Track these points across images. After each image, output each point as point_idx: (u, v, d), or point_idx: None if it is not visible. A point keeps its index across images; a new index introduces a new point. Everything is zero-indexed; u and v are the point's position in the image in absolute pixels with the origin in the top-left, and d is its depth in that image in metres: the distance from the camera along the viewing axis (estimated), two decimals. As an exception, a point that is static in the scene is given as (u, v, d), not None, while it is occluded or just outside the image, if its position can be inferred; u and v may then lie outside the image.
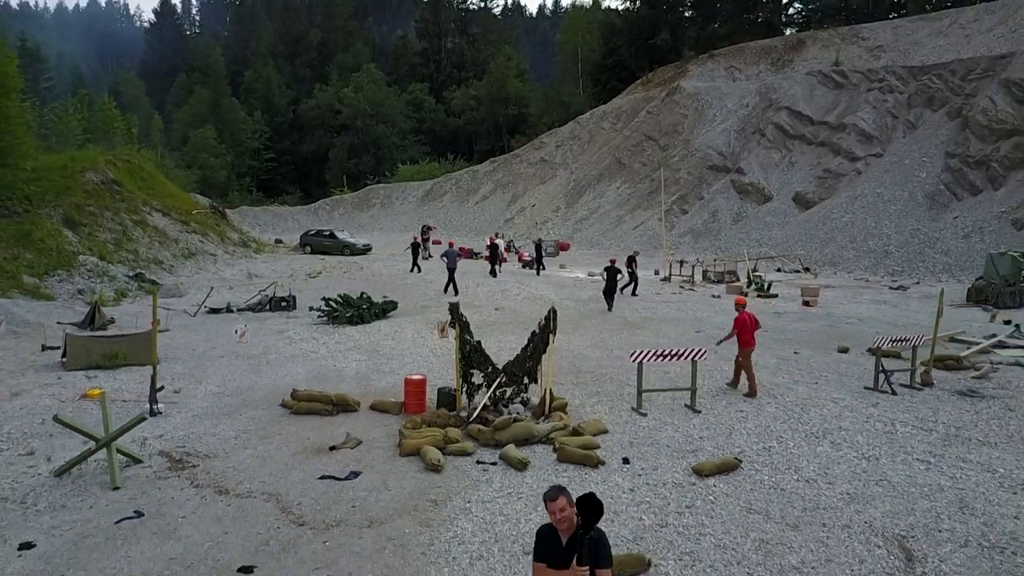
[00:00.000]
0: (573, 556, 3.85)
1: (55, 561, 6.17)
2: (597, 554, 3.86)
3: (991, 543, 6.62)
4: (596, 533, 3.90)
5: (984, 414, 10.68)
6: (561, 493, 3.97)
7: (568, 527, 3.92)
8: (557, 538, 3.97)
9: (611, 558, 3.98)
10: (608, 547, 3.97)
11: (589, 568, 3.80)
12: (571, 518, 3.91)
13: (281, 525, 6.85)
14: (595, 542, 3.87)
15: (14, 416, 9.91)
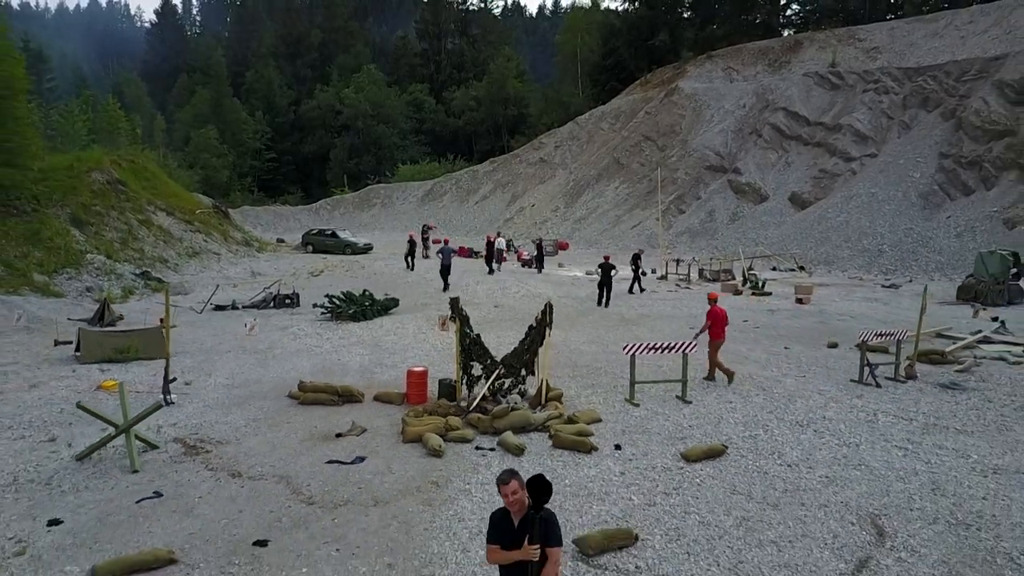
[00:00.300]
0: (525, 536, 3.98)
1: (82, 535, 6.61)
2: (547, 533, 4.01)
3: (958, 520, 7.06)
4: (546, 513, 4.06)
5: (963, 405, 11.12)
6: (513, 477, 4.09)
7: (520, 509, 4.05)
8: (510, 520, 4.09)
9: (560, 538, 4.11)
10: (558, 527, 4.11)
11: (539, 546, 3.95)
12: (523, 500, 4.03)
13: (292, 504, 7.29)
14: (545, 521, 4.03)
15: (33, 406, 10.35)
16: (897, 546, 6.53)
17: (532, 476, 4.05)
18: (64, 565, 6.09)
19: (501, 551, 4.07)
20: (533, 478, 4.03)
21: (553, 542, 4.02)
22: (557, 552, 4.05)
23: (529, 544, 3.93)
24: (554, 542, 4.02)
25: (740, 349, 14.92)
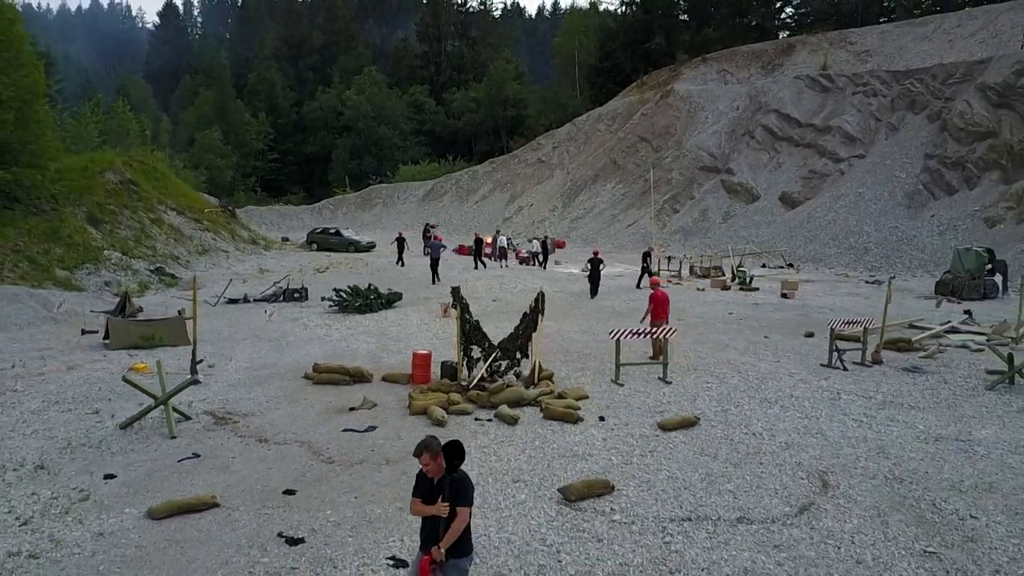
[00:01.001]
0: (440, 494, 4.62)
1: (134, 486, 7.65)
2: (456, 492, 4.60)
3: (895, 477, 8.11)
4: (459, 476, 4.63)
5: (920, 386, 12.18)
6: (425, 450, 4.66)
7: (436, 472, 4.66)
8: (429, 480, 4.72)
9: (469, 499, 4.66)
10: (468, 488, 4.67)
11: (449, 504, 4.56)
12: (436, 467, 4.64)
13: (314, 463, 8.34)
14: (456, 484, 4.61)
15: (74, 385, 11.40)
16: (837, 495, 7.59)
17: (448, 442, 4.67)
18: (123, 508, 7.14)
19: (420, 504, 4.72)
20: (448, 444, 4.66)
21: (461, 502, 4.61)
22: (464, 511, 4.63)
23: (442, 502, 4.57)
24: (462, 502, 4.62)
25: (722, 339, 15.98)
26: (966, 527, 6.87)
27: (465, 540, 4.77)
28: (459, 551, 4.72)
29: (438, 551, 4.62)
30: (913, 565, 6.15)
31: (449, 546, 4.63)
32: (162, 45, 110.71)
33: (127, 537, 6.57)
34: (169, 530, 6.68)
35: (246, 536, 6.57)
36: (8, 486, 7.62)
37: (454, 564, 4.71)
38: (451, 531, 4.64)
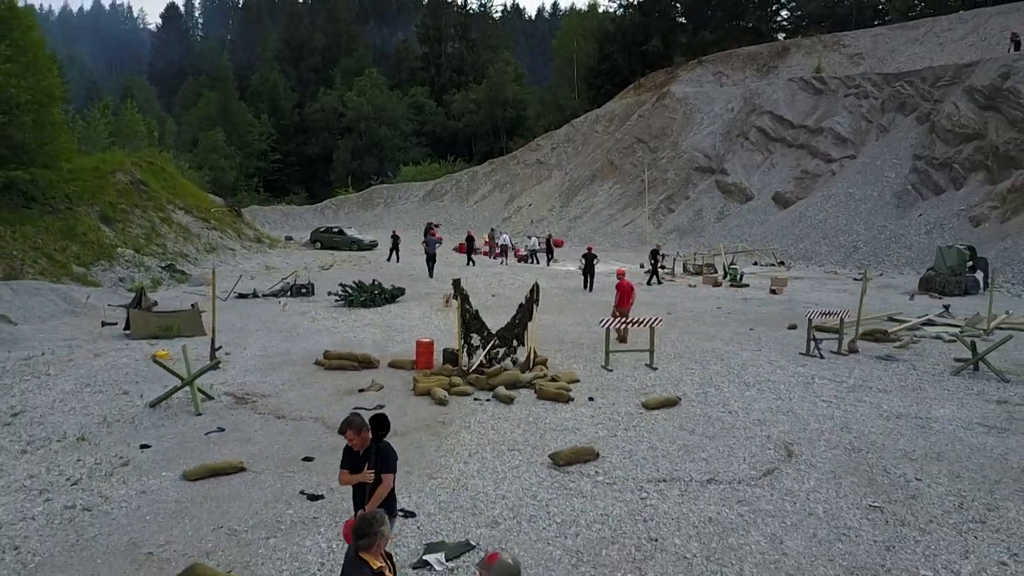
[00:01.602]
0: (366, 464, 5.06)
1: (168, 454, 8.52)
2: (381, 460, 5.02)
3: (853, 447, 8.98)
4: (384, 446, 5.03)
5: (890, 372, 13.04)
6: (348, 427, 5.12)
7: (360, 445, 5.11)
8: (355, 453, 5.15)
9: (393, 466, 5.09)
10: (391, 457, 5.10)
11: (375, 472, 4.98)
12: (361, 441, 5.10)
13: (328, 436, 9.20)
14: (380, 453, 5.03)
15: (102, 370, 12.26)
16: (800, 462, 8.45)
17: (375, 414, 5.17)
18: (160, 472, 8.01)
19: (348, 475, 5.14)
20: (374, 417, 5.12)
21: (385, 469, 5.04)
22: (388, 477, 5.06)
23: (367, 470, 5.01)
24: (385, 469, 5.04)
25: (709, 330, 16.85)
26: (910, 487, 7.73)
27: (390, 504, 5.18)
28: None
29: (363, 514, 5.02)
30: (858, 516, 7.01)
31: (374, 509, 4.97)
32: (165, 47, 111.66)
33: (166, 495, 7.44)
34: (203, 489, 7.55)
35: (272, 493, 7.44)
36: (55, 454, 8.50)
37: None
38: (376, 495, 5.06)
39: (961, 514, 7.08)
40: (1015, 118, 32.75)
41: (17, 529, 6.64)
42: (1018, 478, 8.01)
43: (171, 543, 6.38)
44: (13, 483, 7.68)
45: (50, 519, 6.86)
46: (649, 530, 6.65)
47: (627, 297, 15.47)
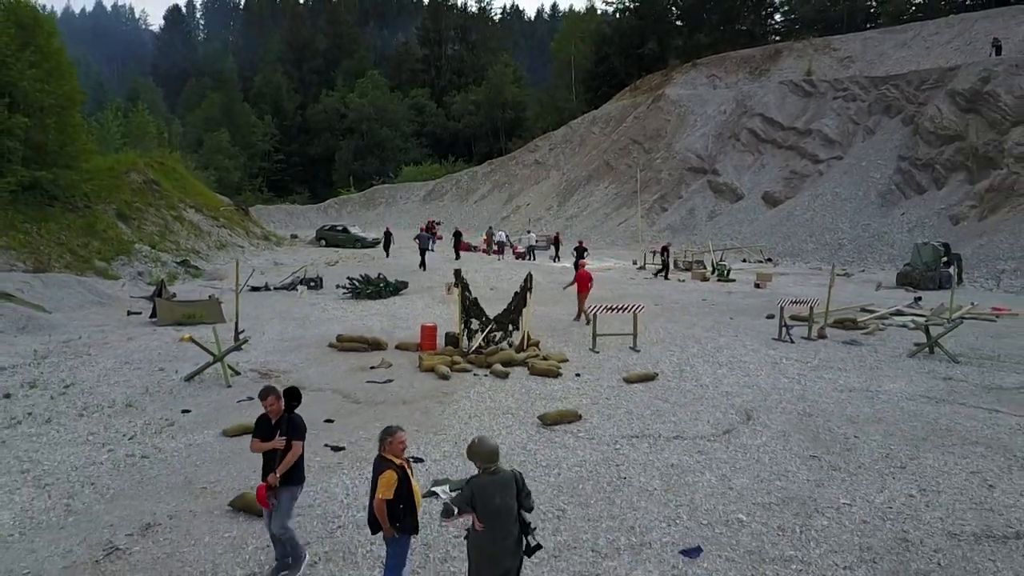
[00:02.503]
0: (278, 432, 5.57)
1: (206, 418, 9.79)
2: (292, 429, 5.56)
3: (805, 413, 10.24)
4: (295, 416, 5.57)
5: (853, 354, 14.31)
6: (270, 393, 5.64)
7: (276, 412, 5.63)
8: (269, 421, 5.66)
9: (302, 434, 5.60)
10: (301, 426, 5.62)
11: (286, 438, 5.50)
12: (277, 408, 5.61)
13: (345, 403, 10.48)
14: (291, 421, 5.56)
15: (137, 351, 13.53)
16: (756, 424, 9.73)
17: (287, 388, 5.67)
18: (202, 431, 9.28)
19: (259, 442, 5.65)
20: (287, 389, 5.63)
21: (294, 436, 5.55)
22: (298, 444, 5.57)
23: (279, 436, 5.53)
24: (295, 437, 5.56)
25: (692, 319, 18.11)
26: (848, 443, 9.01)
27: (298, 470, 5.67)
28: (293, 479, 5.64)
29: (274, 476, 5.49)
30: (797, 463, 8.29)
31: (284, 474, 5.52)
32: (168, 48, 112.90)
33: (211, 447, 8.72)
34: (241, 443, 8.80)
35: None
36: (108, 417, 9.77)
37: (288, 490, 5.60)
38: (286, 461, 5.52)
39: (886, 462, 8.36)
40: (994, 120, 34.01)
41: (89, 471, 7.92)
42: (943, 436, 9.28)
43: (220, 481, 7.66)
44: (77, 438, 8.96)
45: (116, 464, 8.14)
46: (620, 472, 7.93)
47: (584, 284, 17.80)
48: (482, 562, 4.59)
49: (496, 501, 4.54)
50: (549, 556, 6.08)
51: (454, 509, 4.92)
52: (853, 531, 6.62)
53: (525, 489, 4.75)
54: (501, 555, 4.56)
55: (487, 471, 4.66)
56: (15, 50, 22.62)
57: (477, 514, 4.55)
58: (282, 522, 5.59)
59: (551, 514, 6.87)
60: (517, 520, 4.61)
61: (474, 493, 4.57)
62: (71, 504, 7.11)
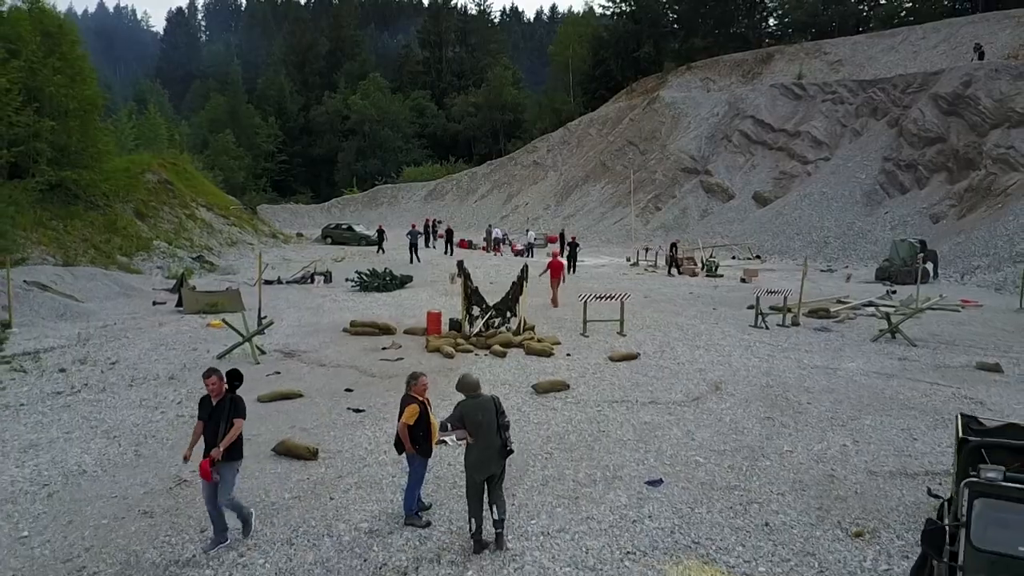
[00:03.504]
0: (221, 412, 5.95)
1: (241, 388, 11.11)
2: (234, 408, 5.95)
3: (768, 385, 11.62)
4: (236, 397, 6.00)
5: (820, 339, 15.69)
6: (213, 373, 6.03)
7: (218, 392, 6.02)
8: (211, 401, 6.06)
9: (243, 413, 6.04)
10: (242, 406, 6.05)
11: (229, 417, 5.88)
12: (219, 389, 6.00)
13: (362, 377, 11.86)
14: (233, 401, 5.98)
15: (169, 335, 14.91)
16: (723, 393, 11.11)
17: (230, 370, 6.15)
18: (242, 395, 10.62)
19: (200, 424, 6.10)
20: (230, 370, 6.15)
21: (235, 415, 5.99)
22: (239, 422, 6.00)
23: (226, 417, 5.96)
24: (236, 415, 6.00)
25: (677, 309, 19.49)
26: (800, 407, 10.38)
27: (239, 446, 6.09)
28: (234, 455, 6.05)
29: (217, 451, 5.86)
30: (753, 422, 9.67)
31: (226, 449, 5.92)
32: (173, 50, 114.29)
33: (249, 409, 10.01)
34: (275, 406, 10.21)
35: (326, 409, 10.09)
36: (155, 387, 11.15)
37: (228, 465, 5.99)
38: (229, 436, 5.92)
39: (830, 422, 9.74)
40: (974, 123, 35.42)
41: (148, 427, 9.30)
42: (885, 403, 10.66)
43: (261, 434, 9.03)
44: (132, 403, 10.33)
45: (169, 422, 9.52)
46: (600, 427, 9.32)
47: (556, 273, 20.04)
48: (474, 469, 6.00)
49: (479, 417, 5.96)
50: (539, 484, 7.47)
51: (448, 425, 6.29)
52: (790, 470, 8.01)
53: (501, 409, 6.17)
54: (487, 462, 5.99)
55: (471, 397, 6.05)
56: (42, 57, 24.00)
57: (466, 428, 5.93)
58: (227, 493, 6.03)
59: (540, 456, 8.26)
60: (498, 434, 5.97)
61: (463, 413, 6.02)
62: (139, 450, 8.50)
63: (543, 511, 6.87)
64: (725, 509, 6.97)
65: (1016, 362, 13.45)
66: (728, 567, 5.91)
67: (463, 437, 6.17)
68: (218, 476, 5.93)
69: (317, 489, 7.38)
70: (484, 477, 6.00)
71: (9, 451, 8.40)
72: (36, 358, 12.59)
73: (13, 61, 22.53)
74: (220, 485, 5.98)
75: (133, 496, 7.23)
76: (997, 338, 15.90)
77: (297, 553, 6.08)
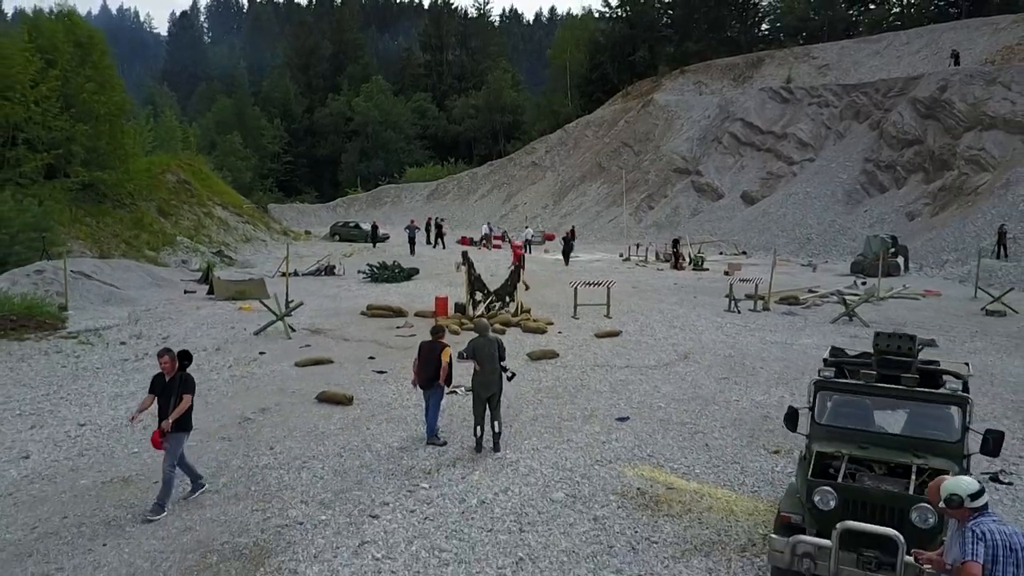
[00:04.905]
0: (172, 388, 6.57)
1: (278, 357, 13.07)
2: (184, 384, 6.61)
3: (730, 355, 13.55)
4: (186, 374, 6.67)
5: (784, 321, 17.63)
6: (166, 353, 6.65)
7: (170, 370, 6.61)
8: (164, 378, 6.65)
9: (193, 388, 6.64)
10: (191, 383, 6.64)
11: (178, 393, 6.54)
12: (171, 367, 6.59)
13: (381, 349, 13.79)
14: (184, 378, 6.65)
15: (207, 317, 16.85)
16: (690, 361, 13.04)
17: (181, 350, 6.84)
18: (279, 363, 12.58)
19: (150, 397, 6.70)
20: (181, 351, 6.84)
21: (185, 391, 6.62)
22: (188, 397, 6.60)
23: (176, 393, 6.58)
24: (186, 391, 6.62)
25: (660, 297, 21.43)
26: (753, 371, 12.32)
27: (187, 419, 6.70)
28: (183, 426, 6.69)
29: (167, 423, 6.46)
30: (711, 381, 11.61)
31: (176, 421, 6.52)
32: (178, 53, 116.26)
33: (289, 372, 12.03)
34: (311, 370, 12.14)
35: (354, 371, 12.03)
36: (207, 356, 13.07)
37: (176, 436, 6.61)
38: (178, 410, 6.51)
39: (776, 381, 11.68)
40: (950, 126, 37.35)
41: (209, 384, 11.22)
42: (826, 368, 12.59)
43: (303, 388, 10.97)
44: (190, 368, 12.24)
45: (226, 380, 11.46)
46: (582, 383, 11.27)
47: (516, 255, 23.48)
48: (479, 388, 8.06)
49: (486, 351, 8.03)
50: (531, 420, 9.42)
51: (463, 354, 8.29)
52: (733, 412, 9.95)
53: (502, 347, 8.33)
54: (489, 384, 8.08)
55: (481, 336, 8.02)
56: (75, 66, 25.92)
57: (476, 360, 7.91)
58: (171, 461, 6.62)
59: (533, 402, 10.21)
60: (498, 366, 8.00)
61: (474, 347, 8.04)
62: (207, 399, 10.42)
63: (534, 436, 8.82)
64: (676, 436, 8.91)
65: (950, 339, 15.39)
66: (672, 470, 7.86)
67: (474, 368, 8.15)
68: (167, 444, 6.57)
69: (356, 423, 9.32)
70: (487, 396, 7.98)
71: (102, 399, 10.35)
72: (98, 334, 14.53)
73: (51, 71, 24.45)
74: (167, 452, 6.60)
75: (210, 428, 9.15)
76: (943, 321, 17.83)
77: (346, 462, 8.02)
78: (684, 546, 6.13)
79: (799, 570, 4.95)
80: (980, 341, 15.28)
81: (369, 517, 6.59)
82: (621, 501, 6.99)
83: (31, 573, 5.66)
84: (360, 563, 5.79)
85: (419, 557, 5.89)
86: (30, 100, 23.47)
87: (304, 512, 6.72)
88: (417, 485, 7.33)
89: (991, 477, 7.83)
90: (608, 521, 6.55)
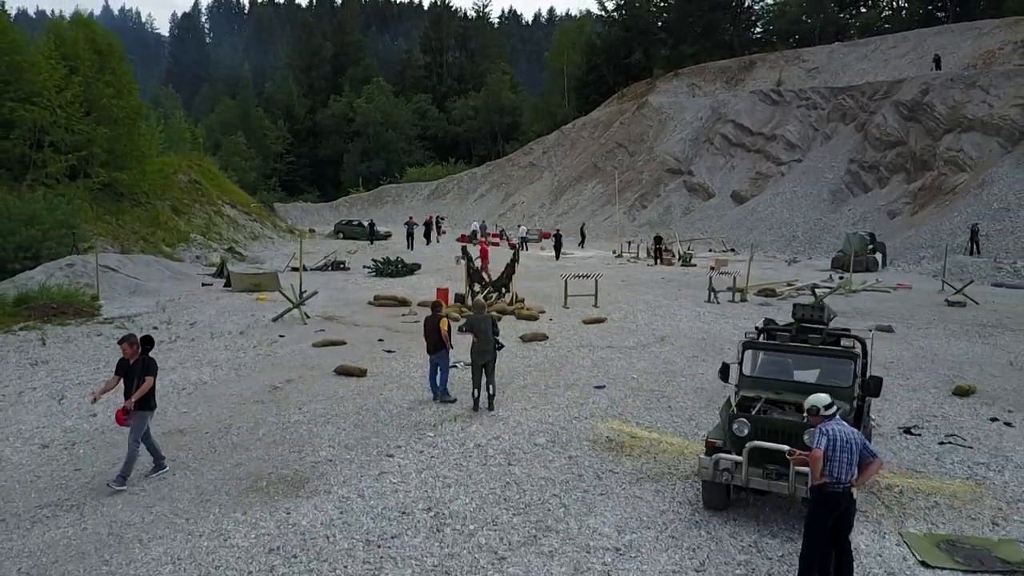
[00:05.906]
0: (135, 370, 7.09)
1: (297, 339, 14.57)
2: (146, 367, 7.14)
3: (703, 339, 15.05)
4: (149, 358, 7.20)
5: (758, 310, 19.10)
6: (125, 340, 7.21)
7: (132, 355, 7.15)
8: (127, 362, 7.19)
9: (155, 370, 7.16)
10: (153, 365, 7.17)
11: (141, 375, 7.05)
12: (132, 352, 7.13)
13: (389, 333, 15.30)
14: (146, 361, 7.19)
15: (227, 306, 18.34)
16: (666, 343, 14.55)
17: (144, 335, 7.47)
18: (297, 344, 14.08)
19: (115, 378, 7.26)
20: (144, 336, 7.48)
21: (147, 373, 7.13)
22: (150, 379, 7.09)
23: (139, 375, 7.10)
24: (148, 373, 7.14)
25: (647, 290, 22.93)
26: (722, 351, 13.79)
27: (150, 399, 7.17)
28: (145, 406, 7.15)
29: (129, 402, 6.93)
30: (682, 358, 13.12)
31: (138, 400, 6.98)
32: (181, 54, 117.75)
33: (307, 351, 13.53)
34: (326, 350, 13.63)
35: (365, 351, 13.53)
36: (231, 339, 14.58)
37: (140, 415, 7.08)
38: (140, 390, 6.97)
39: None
40: (931, 128, 38.86)
41: (237, 361, 12.73)
42: (787, 349, 14.09)
43: (321, 364, 12.47)
44: (217, 347, 13.76)
45: (252, 358, 12.96)
46: (566, 360, 12.78)
47: (485, 257, 24.74)
48: (476, 356, 9.57)
49: (481, 326, 9.53)
50: (520, 388, 10.93)
51: (462, 328, 9.76)
52: (698, 382, 11.47)
53: (496, 324, 9.81)
54: (483, 352, 9.61)
55: (478, 313, 9.52)
56: (96, 73, 27.41)
57: (474, 332, 9.42)
58: (135, 436, 7.13)
59: (523, 374, 11.73)
60: (492, 338, 9.46)
61: (471, 322, 9.54)
62: (238, 373, 11.93)
63: (523, 399, 10.34)
64: (645, 400, 10.43)
65: (908, 326, 16.91)
66: (637, 424, 9.37)
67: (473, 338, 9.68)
68: (131, 421, 7.09)
69: (371, 390, 10.83)
70: (482, 363, 9.49)
71: (147, 372, 11.84)
72: (131, 320, 16.03)
73: (74, 77, 25.94)
74: (131, 429, 7.12)
75: (244, 394, 10.65)
76: (907, 311, 19.33)
77: (364, 418, 9.53)
78: (640, 475, 7.65)
79: (720, 481, 6.47)
80: (935, 328, 16.79)
81: (386, 456, 8.10)
82: (592, 445, 8.51)
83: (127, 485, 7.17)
84: (380, 486, 7.30)
85: (427, 482, 7.40)
86: (55, 105, 24.95)
87: (332, 453, 8.23)
88: (424, 434, 8.84)
89: (905, 430, 9.36)
90: (580, 458, 8.07)
